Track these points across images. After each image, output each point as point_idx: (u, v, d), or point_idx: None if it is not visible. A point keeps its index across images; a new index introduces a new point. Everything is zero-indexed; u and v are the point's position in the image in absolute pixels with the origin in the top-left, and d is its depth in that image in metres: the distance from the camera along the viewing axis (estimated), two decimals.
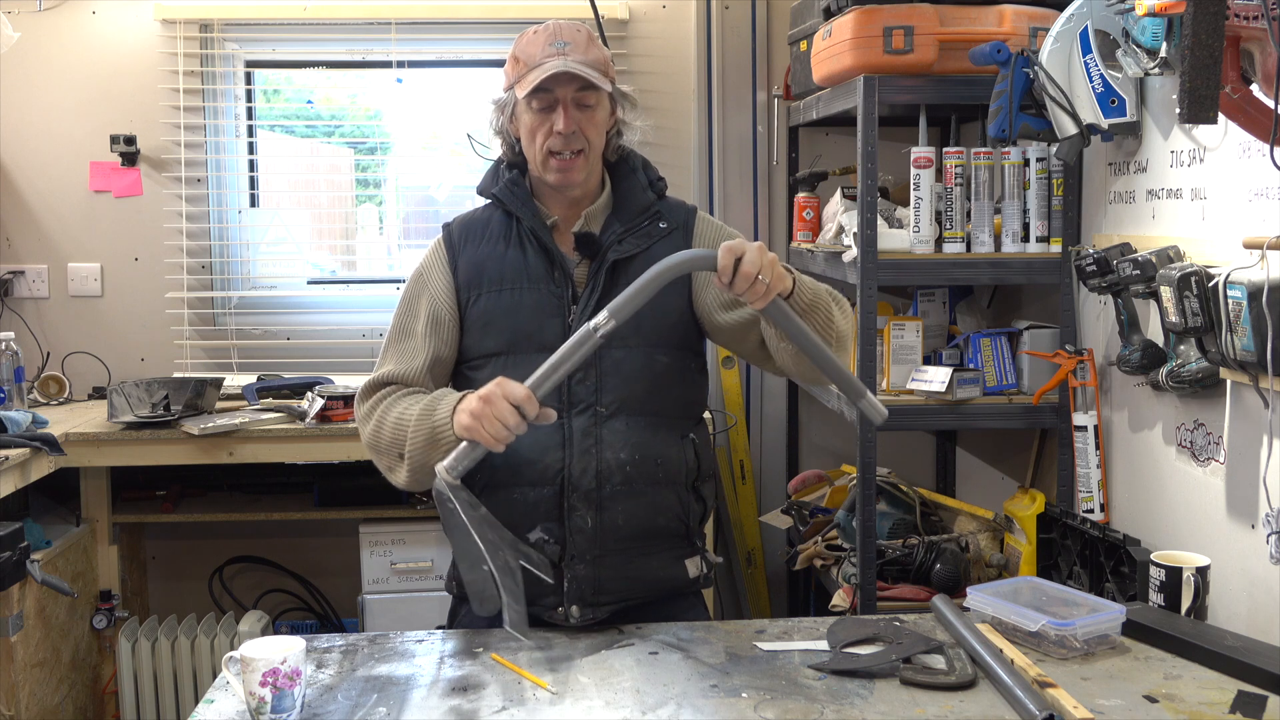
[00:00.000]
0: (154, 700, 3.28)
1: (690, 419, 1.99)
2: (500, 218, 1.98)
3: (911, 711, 1.58)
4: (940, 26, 2.57)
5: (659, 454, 1.90)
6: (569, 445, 1.87)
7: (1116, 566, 2.30)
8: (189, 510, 3.44)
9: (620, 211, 1.97)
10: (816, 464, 3.57)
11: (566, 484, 1.87)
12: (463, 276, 1.96)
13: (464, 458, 1.69)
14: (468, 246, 1.98)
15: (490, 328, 1.93)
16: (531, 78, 1.85)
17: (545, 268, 1.93)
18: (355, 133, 3.97)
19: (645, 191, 1.99)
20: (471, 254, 1.97)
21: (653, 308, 1.72)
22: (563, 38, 1.89)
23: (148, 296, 3.65)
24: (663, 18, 3.67)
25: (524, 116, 1.91)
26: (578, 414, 1.88)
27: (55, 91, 3.59)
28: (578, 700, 1.63)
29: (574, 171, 1.91)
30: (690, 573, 1.97)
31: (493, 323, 1.93)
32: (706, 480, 2.00)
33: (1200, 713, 1.58)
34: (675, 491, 1.93)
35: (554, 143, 1.89)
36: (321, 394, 3.21)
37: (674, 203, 2.04)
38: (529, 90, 1.86)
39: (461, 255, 1.97)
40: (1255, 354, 1.84)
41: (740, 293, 1.63)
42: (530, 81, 1.85)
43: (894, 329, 2.73)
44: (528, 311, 1.91)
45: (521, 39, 1.93)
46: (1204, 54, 1.55)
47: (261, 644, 1.56)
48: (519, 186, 1.97)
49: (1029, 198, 2.62)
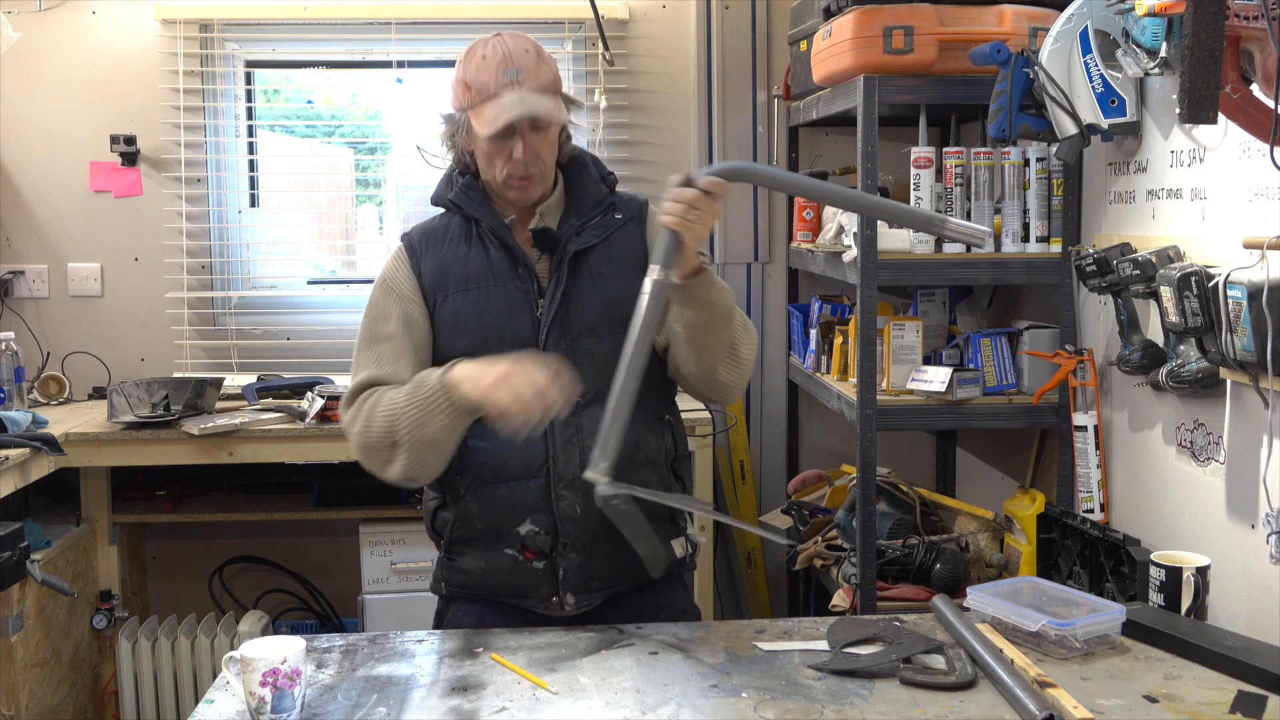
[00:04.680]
0: (154, 700, 3.28)
1: (665, 401, 2.02)
2: (459, 222, 1.99)
3: (911, 711, 1.58)
4: (940, 26, 2.57)
5: (638, 438, 1.91)
6: (551, 436, 1.89)
7: (1116, 566, 2.30)
8: (189, 510, 3.44)
9: (575, 206, 1.99)
10: (816, 464, 3.57)
11: (552, 474, 1.89)
12: (428, 280, 1.97)
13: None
14: (429, 251, 1.98)
15: (460, 327, 1.94)
16: (490, 115, 1.85)
17: (509, 265, 1.95)
18: (355, 133, 3.97)
19: (598, 185, 2.01)
20: (434, 258, 1.98)
21: (620, 292, 1.86)
22: (514, 63, 1.87)
23: (148, 296, 3.65)
24: (663, 18, 3.67)
25: (480, 142, 1.90)
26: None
27: (55, 91, 3.59)
28: (578, 700, 1.63)
29: (532, 188, 1.94)
30: (677, 553, 2.00)
31: (463, 322, 1.94)
32: (684, 461, 2.05)
33: (1200, 713, 1.58)
34: (656, 473, 1.96)
35: (513, 168, 1.90)
36: (321, 394, 3.21)
37: (626, 196, 2.06)
38: (490, 132, 1.85)
39: (424, 260, 1.98)
40: (1255, 354, 1.84)
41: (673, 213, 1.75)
42: (491, 121, 1.85)
43: (894, 329, 2.73)
44: (497, 308, 1.93)
45: (469, 62, 1.90)
46: (1204, 54, 1.55)
47: (261, 644, 1.56)
48: (474, 190, 1.98)
49: (1029, 198, 2.62)
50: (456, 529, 1.97)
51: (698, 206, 1.74)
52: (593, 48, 3.63)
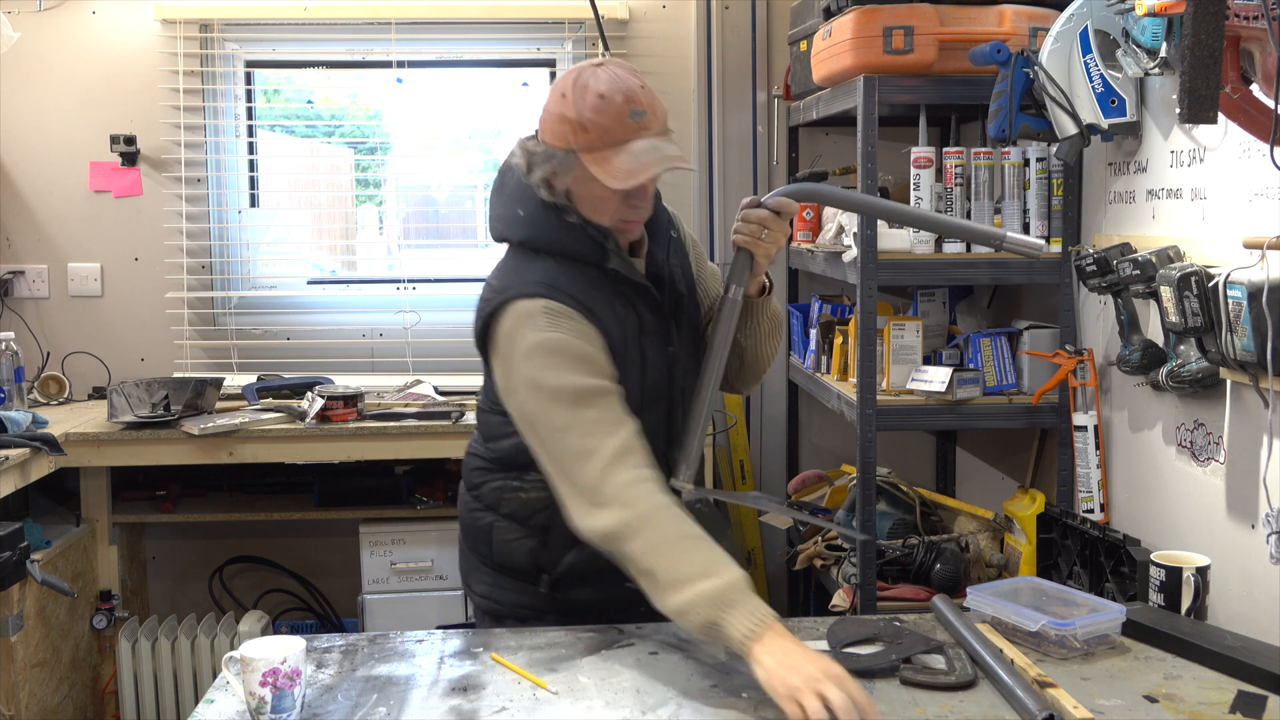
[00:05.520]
0: (154, 700, 3.28)
1: None
2: (593, 273, 1.81)
3: (911, 711, 1.58)
4: (940, 26, 2.57)
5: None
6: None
7: (1116, 566, 2.30)
8: (189, 510, 3.45)
9: (653, 235, 1.93)
10: (816, 464, 3.57)
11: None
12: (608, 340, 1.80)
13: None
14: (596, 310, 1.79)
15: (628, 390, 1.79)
16: (623, 167, 1.70)
17: (654, 319, 1.87)
18: (355, 133, 3.97)
19: (662, 207, 1.96)
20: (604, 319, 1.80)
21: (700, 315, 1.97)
22: (637, 105, 1.72)
23: (148, 296, 3.65)
24: (663, 18, 3.67)
25: (592, 186, 1.75)
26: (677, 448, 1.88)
27: (55, 91, 3.60)
28: (578, 700, 1.63)
29: (638, 228, 1.87)
30: None
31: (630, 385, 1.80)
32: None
33: (1200, 713, 1.58)
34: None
35: (632, 214, 1.82)
36: (321, 394, 3.21)
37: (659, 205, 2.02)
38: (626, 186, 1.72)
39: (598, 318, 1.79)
40: (1255, 354, 1.84)
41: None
42: (627, 174, 1.70)
43: (894, 329, 2.73)
44: (657, 364, 1.87)
45: (581, 98, 1.71)
46: (1204, 54, 1.55)
47: (261, 644, 1.56)
48: (610, 239, 1.82)
49: (1029, 198, 2.62)
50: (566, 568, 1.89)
51: (768, 226, 1.81)
52: (593, 48, 3.63)
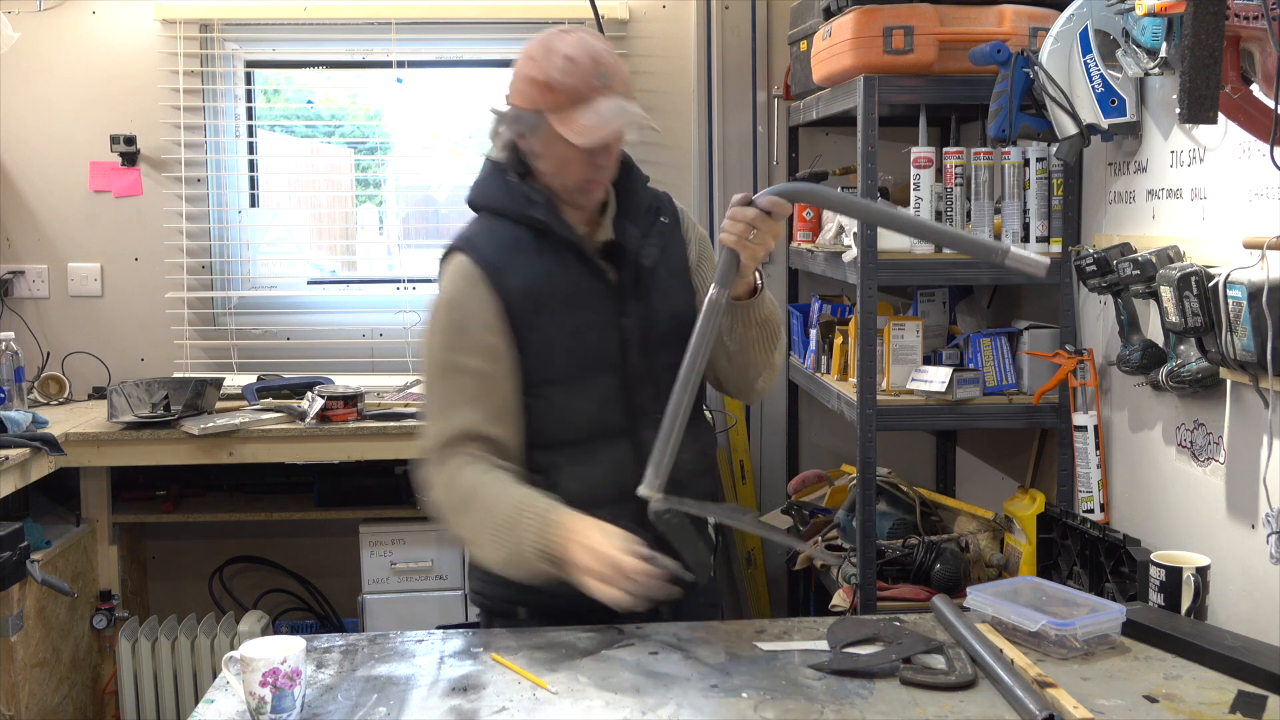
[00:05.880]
0: (154, 700, 3.28)
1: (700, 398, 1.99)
2: (527, 235, 1.85)
3: (911, 711, 1.58)
4: (940, 26, 2.57)
5: (708, 442, 1.95)
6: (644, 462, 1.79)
7: (1116, 566, 2.30)
8: (189, 510, 3.45)
9: (625, 210, 1.92)
10: (816, 464, 3.57)
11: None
12: (515, 303, 1.82)
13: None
14: (509, 269, 1.82)
15: (554, 353, 1.83)
16: (587, 124, 1.75)
17: (593, 283, 1.86)
18: (355, 133, 3.97)
19: (644, 187, 1.96)
20: (518, 277, 1.82)
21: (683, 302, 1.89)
22: (602, 67, 1.76)
23: (148, 296, 3.65)
24: (663, 18, 3.67)
25: (559, 147, 1.78)
26: (646, 426, 1.81)
27: (55, 91, 3.59)
28: (578, 700, 1.63)
29: (600, 190, 1.87)
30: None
31: (556, 348, 1.83)
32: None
33: (1200, 713, 1.58)
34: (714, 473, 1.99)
35: (595, 174, 1.83)
36: (321, 394, 3.21)
37: (655, 192, 2.01)
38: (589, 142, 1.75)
39: (506, 279, 1.82)
40: (1255, 354, 1.84)
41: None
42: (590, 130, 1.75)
43: (894, 329, 2.73)
44: (589, 331, 1.84)
45: (549, 60, 1.77)
46: (1204, 54, 1.55)
47: (261, 644, 1.56)
48: (544, 198, 1.85)
49: (1029, 198, 2.62)
50: None
51: (757, 226, 1.73)
52: None
